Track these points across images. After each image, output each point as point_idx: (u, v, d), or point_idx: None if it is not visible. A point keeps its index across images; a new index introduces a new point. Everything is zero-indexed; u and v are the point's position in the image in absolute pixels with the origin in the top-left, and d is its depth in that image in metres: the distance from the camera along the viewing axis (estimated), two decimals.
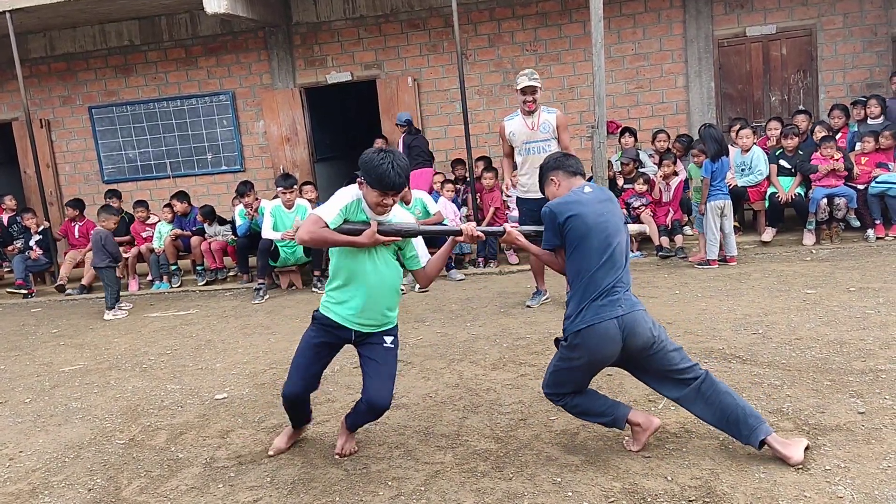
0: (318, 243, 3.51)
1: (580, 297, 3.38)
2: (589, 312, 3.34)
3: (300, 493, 3.51)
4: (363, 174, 3.41)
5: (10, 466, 4.21)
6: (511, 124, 6.51)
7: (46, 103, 11.99)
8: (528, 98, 6.30)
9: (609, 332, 3.32)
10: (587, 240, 3.36)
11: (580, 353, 3.39)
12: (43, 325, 8.11)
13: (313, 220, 3.43)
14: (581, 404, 3.57)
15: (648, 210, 8.51)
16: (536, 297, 6.76)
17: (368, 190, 3.43)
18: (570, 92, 10.48)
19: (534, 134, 6.36)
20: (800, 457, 3.27)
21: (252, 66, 11.28)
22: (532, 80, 6.29)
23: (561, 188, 3.64)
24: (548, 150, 6.27)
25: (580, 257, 3.38)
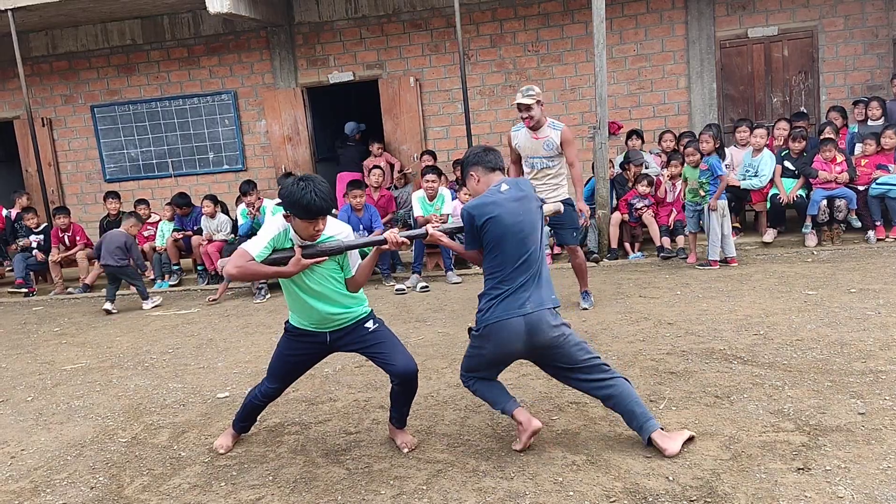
0: (247, 277, 3.57)
1: (493, 292, 3.56)
2: (499, 309, 3.53)
3: (302, 492, 3.52)
4: (287, 208, 3.46)
5: (12, 465, 4.22)
6: (517, 136, 6.45)
7: (48, 102, 12.01)
8: (524, 115, 6.21)
9: (514, 329, 3.52)
10: (503, 241, 3.53)
11: (487, 345, 3.61)
12: (45, 324, 8.12)
13: (240, 254, 3.48)
14: (480, 390, 3.80)
15: (650, 211, 8.52)
16: None
17: (297, 222, 3.48)
18: (571, 92, 10.49)
19: (536, 149, 6.29)
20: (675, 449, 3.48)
21: (254, 66, 11.29)
22: (526, 96, 6.13)
23: (480, 184, 3.75)
24: (551, 166, 6.27)
25: (496, 257, 3.56)
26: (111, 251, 8.29)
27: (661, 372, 4.65)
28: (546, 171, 6.32)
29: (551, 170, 6.32)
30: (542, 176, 6.34)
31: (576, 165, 6.29)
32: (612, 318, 6.04)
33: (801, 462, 3.33)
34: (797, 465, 3.31)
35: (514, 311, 3.50)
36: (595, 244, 8.56)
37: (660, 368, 4.72)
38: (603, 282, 7.47)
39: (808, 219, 8.12)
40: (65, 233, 10.08)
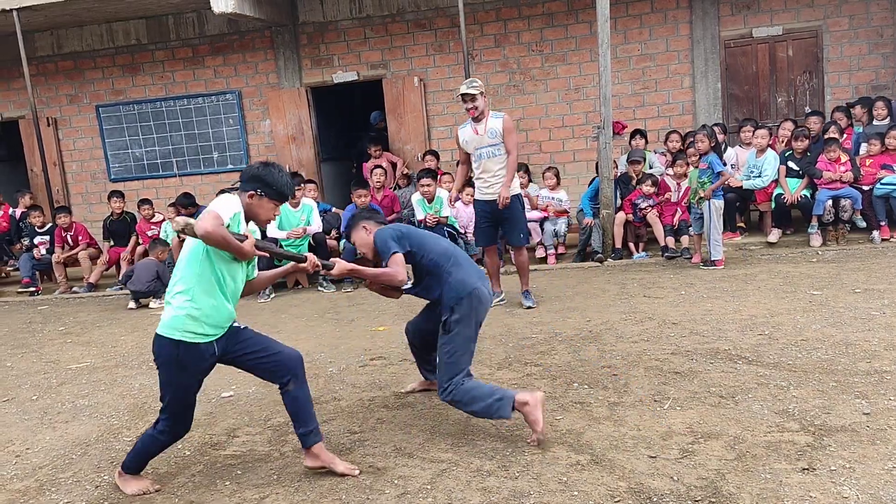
0: (217, 241, 3.19)
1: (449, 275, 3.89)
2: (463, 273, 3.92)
3: (306, 491, 3.52)
4: (262, 188, 3.41)
5: (18, 463, 4.23)
6: (463, 132, 6.73)
7: (53, 101, 12.03)
8: (468, 105, 6.47)
9: (485, 294, 3.99)
10: (425, 239, 4.01)
11: (465, 321, 3.86)
12: (50, 323, 8.14)
13: (214, 215, 3.19)
14: (474, 387, 3.84)
15: (655, 211, 8.51)
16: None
17: (264, 202, 3.44)
18: (575, 92, 10.48)
19: (482, 139, 6.53)
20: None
21: (258, 66, 11.30)
22: (470, 87, 6.43)
23: (371, 234, 4.01)
24: (498, 154, 6.53)
25: (429, 251, 3.95)
26: (143, 281, 8.54)
27: (665, 372, 4.65)
28: (494, 160, 6.52)
29: (498, 157, 6.52)
30: (491, 167, 6.55)
31: (512, 153, 6.53)
32: (617, 317, 6.04)
33: (806, 462, 3.33)
34: (802, 465, 3.31)
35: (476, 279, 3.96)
36: (599, 244, 8.56)
37: (664, 368, 4.71)
38: (607, 282, 7.47)
39: (814, 219, 8.11)
40: (67, 232, 10.10)
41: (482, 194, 6.70)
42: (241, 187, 3.46)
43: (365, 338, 6.12)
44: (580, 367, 4.88)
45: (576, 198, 9.43)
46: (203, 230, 3.14)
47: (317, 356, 5.71)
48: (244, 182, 3.46)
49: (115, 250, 10.08)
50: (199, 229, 3.14)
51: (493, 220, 6.70)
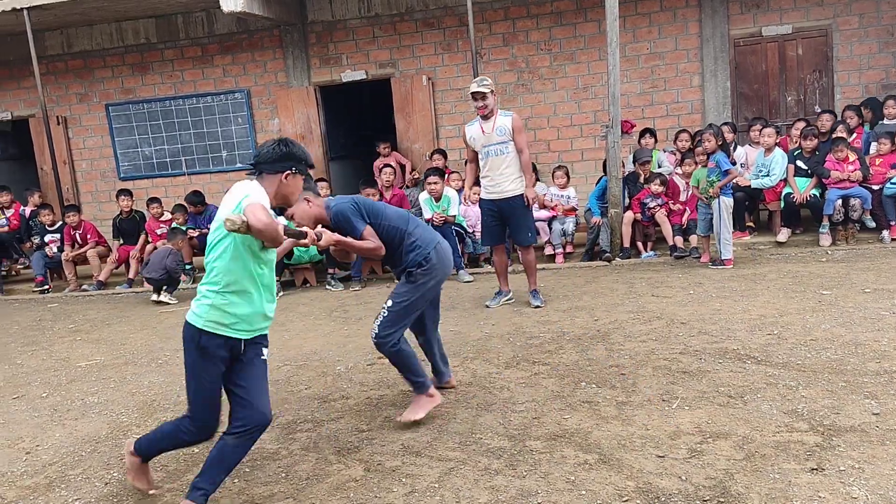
0: (272, 232, 2.96)
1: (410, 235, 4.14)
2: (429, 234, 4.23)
3: (314, 489, 3.53)
4: (296, 164, 3.25)
5: (27, 460, 4.26)
6: (470, 130, 6.74)
7: (63, 100, 12.08)
8: (479, 104, 6.50)
9: (448, 249, 4.28)
10: (384, 210, 4.20)
11: (433, 273, 4.13)
12: (60, 321, 8.18)
13: (263, 207, 2.96)
14: (410, 356, 4.16)
15: (663, 210, 8.48)
16: (497, 298, 6.93)
17: (297, 179, 3.30)
18: (584, 91, 10.46)
19: (490, 137, 6.54)
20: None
21: (267, 65, 11.32)
22: (481, 86, 6.45)
23: (314, 206, 4.01)
24: (506, 153, 6.52)
25: (390, 213, 4.20)
26: (156, 268, 8.61)
27: (674, 371, 4.64)
28: (502, 158, 6.52)
29: (506, 157, 6.52)
30: (498, 165, 6.55)
31: (524, 152, 6.55)
32: (625, 317, 6.03)
33: (815, 462, 3.32)
34: (811, 465, 3.30)
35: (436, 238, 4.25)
36: (607, 243, 8.54)
37: (673, 368, 4.70)
38: (615, 281, 7.45)
39: (825, 218, 8.06)
40: (76, 231, 10.14)
41: (488, 193, 6.69)
42: (268, 169, 3.22)
43: None
44: (588, 367, 4.88)
45: (584, 197, 9.42)
46: (263, 223, 2.90)
47: (325, 354, 5.72)
48: (272, 163, 3.22)
49: (124, 249, 10.11)
50: (258, 223, 2.89)
51: (500, 218, 6.70)
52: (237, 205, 3.03)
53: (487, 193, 6.72)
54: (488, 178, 6.65)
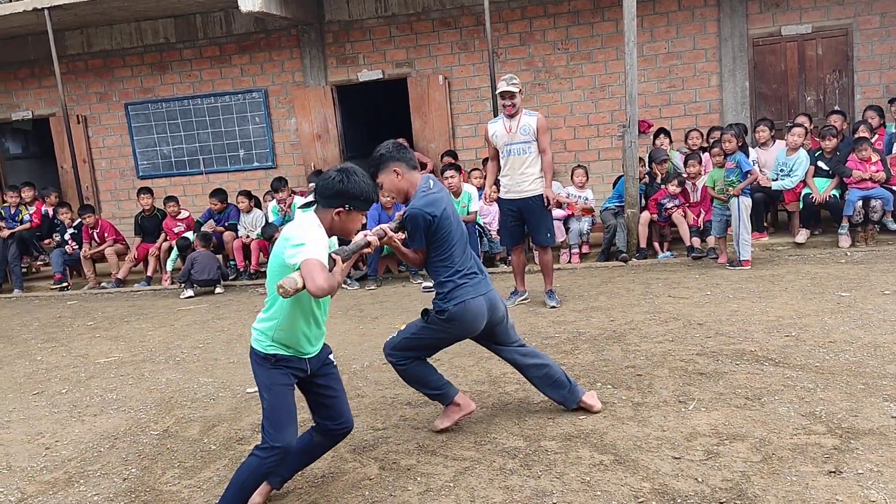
0: (333, 291, 2.92)
1: (454, 278, 3.84)
2: (466, 290, 3.83)
3: (329, 487, 3.55)
4: (349, 202, 3.08)
5: (47, 455, 4.31)
6: (493, 126, 6.72)
7: (83, 99, 12.19)
8: (507, 102, 6.47)
9: (481, 307, 3.86)
10: (452, 234, 3.85)
11: (456, 325, 3.86)
12: (79, 318, 8.26)
13: (320, 266, 2.85)
14: (421, 372, 3.98)
15: (680, 211, 8.44)
16: (513, 297, 6.91)
17: (353, 216, 3.15)
18: (601, 91, 10.43)
19: (513, 136, 6.52)
20: (600, 405, 4.13)
21: (285, 64, 11.38)
22: (510, 84, 6.41)
23: (403, 180, 3.84)
24: (527, 153, 6.51)
25: (447, 248, 3.84)
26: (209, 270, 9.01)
27: (690, 373, 4.62)
28: (524, 158, 6.52)
29: (527, 156, 6.51)
30: (519, 165, 6.54)
31: (547, 153, 6.56)
32: (641, 317, 6.00)
33: (833, 465, 3.29)
34: (829, 468, 3.27)
35: (479, 291, 3.86)
36: (624, 243, 8.51)
37: (689, 369, 4.68)
38: (632, 281, 7.43)
39: (845, 220, 7.99)
40: (94, 229, 10.25)
41: (508, 193, 6.68)
42: (322, 203, 3.10)
43: (388, 335, 6.07)
44: (604, 367, 4.86)
45: (601, 197, 9.39)
46: (321, 290, 2.80)
47: (340, 353, 5.74)
48: (327, 199, 3.08)
49: (143, 246, 10.20)
50: (317, 290, 2.79)
51: (519, 218, 6.69)
52: (293, 256, 2.90)
53: (507, 193, 6.71)
54: (508, 177, 6.64)
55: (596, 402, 4.13)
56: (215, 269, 9.08)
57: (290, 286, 2.80)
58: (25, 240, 10.73)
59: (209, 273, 8.99)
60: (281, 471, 3.39)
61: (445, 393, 4.03)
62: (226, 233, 9.81)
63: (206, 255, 9.11)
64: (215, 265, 9.11)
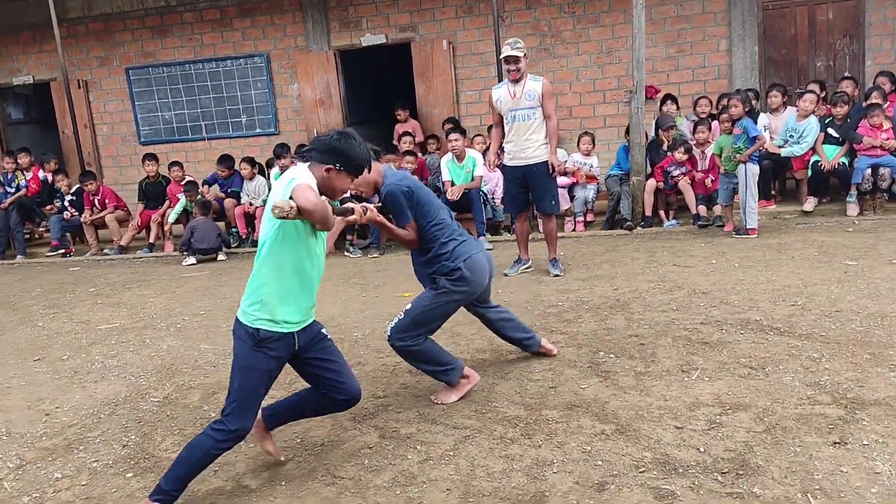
0: (322, 213, 2.86)
1: (453, 240, 3.90)
2: (465, 247, 3.91)
3: (329, 455, 3.53)
4: (341, 162, 3.08)
5: (47, 422, 4.30)
6: (497, 92, 6.60)
7: (84, 64, 12.04)
8: (511, 67, 6.35)
9: (484, 261, 3.97)
10: (431, 203, 3.92)
11: (468, 284, 3.88)
12: (81, 284, 8.24)
13: (308, 188, 2.87)
14: (433, 349, 3.95)
15: (687, 179, 8.33)
16: (516, 266, 6.86)
17: (342, 177, 3.12)
18: (608, 55, 10.25)
19: (518, 101, 6.41)
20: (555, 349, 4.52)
21: (287, 28, 11.20)
22: (515, 49, 6.29)
23: (373, 172, 3.76)
24: (532, 118, 6.41)
25: (434, 217, 3.89)
26: (209, 238, 9.01)
27: (694, 342, 4.57)
28: (527, 124, 6.42)
29: (532, 122, 6.42)
30: (523, 131, 6.45)
31: (552, 119, 6.46)
32: (645, 286, 5.95)
33: (838, 436, 3.25)
34: (833, 438, 3.23)
35: (476, 247, 3.98)
36: (628, 211, 8.42)
37: (693, 338, 4.63)
38: (636, 250, 7.36)
39: (853, 188, 7.87)
40: (94, 196, 10.20)
41: (512, 159, 6.59)
42: (313, 157, 3.10)
43: (390, 303, 6.10)
44: (607, 336, 4.82)
45: (606, 164, 9.28)
46: (312, 203, 2.80)
47: (342, 321, 5.72)
48: (321, 153, 3.09)
49: (146, 213, 10.14)
50: (308, 203, 2.79)
51: (524, 185, 6.61)
52: (284, 188, 2.93)
53: (511, 159, 6.61)
54: (513, 144, 6.53)
55: (553, 347, 4.52)
56: (215, 237, 9.03)
57: (286, 204, 2.80)
58: (26, 206, 10.68)
59: (209, 242, 8.97)
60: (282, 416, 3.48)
61: (455, 367, 3.99)
62: (226, 200, 9.75)
63: (205, 224, 9.06)
64: (215, 233, 9.06)
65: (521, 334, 4.41)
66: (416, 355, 3.93)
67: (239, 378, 3.08)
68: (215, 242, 9.02)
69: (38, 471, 3.68)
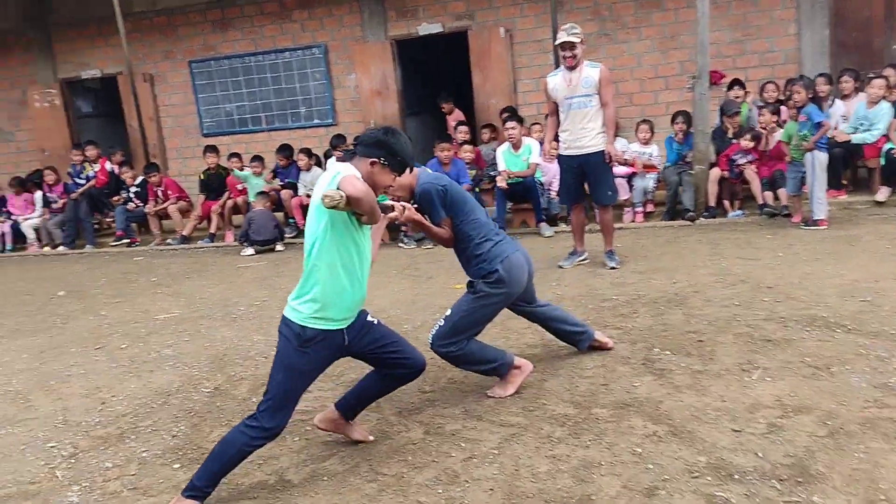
0: (369, 202, 2.87)
1: (489, 240, 3.81)
2: (501, 247, 3.81)
3: (373, 450, 3.49)
4: (386, 157, 3.07)
5: (102, 410, 4.38)
6: (553, 80, 6.43)
7: (150, 58, 12.31)
8: (567, 53, 6.17)
9: (521, 260, 3.85)
10: (467, 202, 3.85)
11: (506, 286, 3.78)
12: (144, 274, 8.43)
13: (356, 178, 2.90)
14: (476, 349, 3.86)
15: (753, 167, 8.02)
16: (571, 258, 6.69)
17: (385, 172, 3.10)
18: (671, 40, 9.94)
19: (574, 89, 6.23)
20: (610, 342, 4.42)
21: (344, 19, 11.22)
22: (570, 35, 6.11)
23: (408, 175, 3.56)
24: (590, 106, 6.23)
25: (468, 215, 3.82)
26: (267, 229, 9.11)
27: (756, 339, 4.37)
28: (584, 112, 6.24)
29: (589, 110, 6.23)
30: (579, 119, 6.27)
31: (610, 106, 6.28)
32: (706, 280, 5.74)
33: None
34: None
35: (513, 247, 3.87)
36: (691, 202, 8.16)
37: (755, 335, 4.43)
38: (698, 241, 7.12)
39: None
40: (158, 187, 10.44)
41: (568, 149, 6.44)
42: (359, 152, 3.11)
43: (442, 295, 6.04)
44: (663, 332, 4.66)
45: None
46: (361, 191, 2.81)
47: (392, 312, 5.68)
48: (365, 147, 3.10)
49: (207, 204, 10.32)
50: (357, 191, 2.80)
51: (580, 176, 6.46)
52: (331, 180, 2.92)
53: (567, 149, 6.45)
54: (568, 133, 6.38)
55: (608, 340, 4.41)
56: (272, 227, 9.11)
57: (336, 193, 2.80)
58: (95, 197, 11.01)
59: (267, 233, 9.05)
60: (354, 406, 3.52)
61: (504, 361, 3.92)
62: (283, 191, 9.84)
63: (263, 214, 9.15)
64: (272, 224, 9.14)
65: (572, 328, 4.30)
66: (462, 359, 3.85)
67: (279, 377, 3.07)
68: (273, 233, 9.09)
69: (89, 459, 3.74)
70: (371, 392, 3.52)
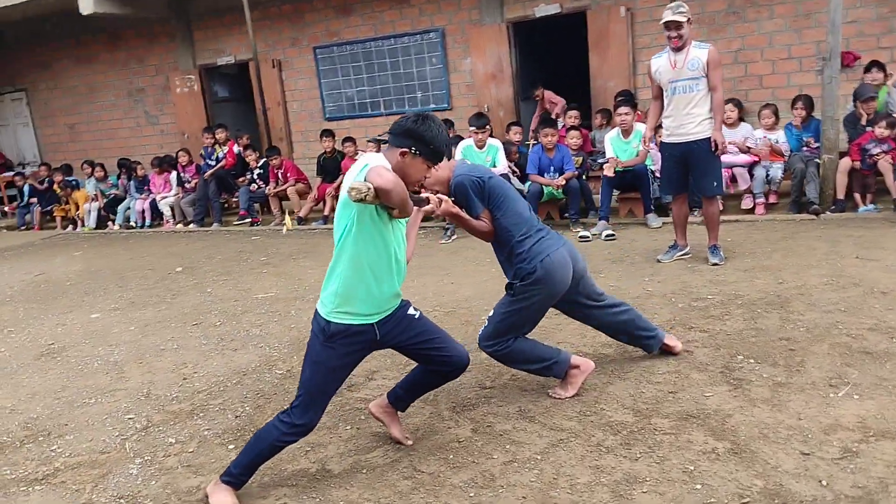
0: (400, 193, 2.73)
1: (529, 237, 3.60)
2: (542, 245, 3.58)
3: (417, 445, 3.44)
4: (417, 146, 2.91)
5: (182, 386, 4.58)
6: (657, 62, 6.03)
7: (278, 44, 12.75)
8: (673, 34, 5.77)
9: (565, 257, 3.61)
10: (508, 195, 3.65)
11: (546, 286, 3.57)
12: (256, 253, 8.77)
13: (386, 168, 2.77)
14: (525, 347, 3.72)
15: (888, 158, 7.28)
16: (671, 252, 6.33)
17: (417, 162, 2.94)
18: (805, 19, 9.17)
19: (680, 72, 5.82)
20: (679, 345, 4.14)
21: (461, 2, 11.12)
22: (676, 13, 5.71)
23: (441, 168, 3.44)
24: (696, 90, 5.79)
25: (510, 209, 3.62)
26: None
27: (853, 350, 3.96)
28: (690, 96, 5.83)
29: (696, 94, 5.81)
30: (684, 104, 5.86)
31: (718, 91, 5.82)
32: (815, 281, 5.26)
33: None
34: None
35: (557, 243, 3.65)
36: (816, 194, 7.52)
37: (854, 346, 4.02)
38: (818, 238, 6.56)
39: None
40: (278, 170, 10.83)
41: (671, 135, 6.08)
42: (391, 141, 2.99)
43: None
44: (752, 338, 4.31)
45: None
46: (390, 182, 2.68)
47: (474, 302, 5.59)
48: (397, 136, 2.96)
49: (323, 187, 10.61)
50: (386, 182, 2.67)
51: (683, 164, 6.09)
52: (359, 172, 2.80)
53: (669, 136, 6.10)
54: (671, 119, 6.02)
55: (677, 343, 4.14)
56: None
57: (363, 185, 2.69)
58: (223, 178, 11.57)
59: None
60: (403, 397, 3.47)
61: (558, 360, 3.74)
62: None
63: None
64: None
65: (640, 332, 4.04)
66: (509, 357, 3.72)
67: (308, 372, 3.06)
68: None
69: (158, 434, 3.91)
70: (418, 385, 3.44)
